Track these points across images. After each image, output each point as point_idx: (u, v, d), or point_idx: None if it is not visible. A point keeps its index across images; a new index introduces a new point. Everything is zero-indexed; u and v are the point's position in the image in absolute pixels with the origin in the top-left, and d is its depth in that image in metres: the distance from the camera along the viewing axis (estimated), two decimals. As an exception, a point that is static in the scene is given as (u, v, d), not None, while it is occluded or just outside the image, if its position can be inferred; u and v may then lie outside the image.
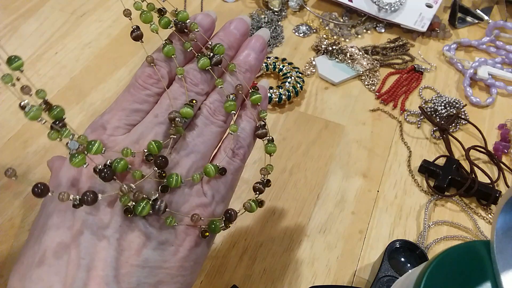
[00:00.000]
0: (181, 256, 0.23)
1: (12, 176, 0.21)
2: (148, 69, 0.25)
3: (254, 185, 0.26)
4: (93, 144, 0.22)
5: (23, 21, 0.61)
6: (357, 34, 0.62)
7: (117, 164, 0.22)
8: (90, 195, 0.21)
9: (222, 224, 0.24)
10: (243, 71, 0.27)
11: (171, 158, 0.24)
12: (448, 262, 0.23)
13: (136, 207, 0.22)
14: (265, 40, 0.29)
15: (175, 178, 0.23)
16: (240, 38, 0.28)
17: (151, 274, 0.22)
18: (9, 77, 0.21)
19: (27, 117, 0.20)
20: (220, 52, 0.26)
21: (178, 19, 0.27)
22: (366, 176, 0.46)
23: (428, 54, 0.59)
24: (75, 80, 0.55)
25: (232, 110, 0.26)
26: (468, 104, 0.53)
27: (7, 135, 0.49)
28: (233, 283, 0.38)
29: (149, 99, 0.25)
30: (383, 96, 0.54)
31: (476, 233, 0.42)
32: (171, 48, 0.26)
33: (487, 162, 0.48)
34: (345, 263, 0.40)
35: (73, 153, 0.22)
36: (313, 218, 0.43)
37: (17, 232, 0.41)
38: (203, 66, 0.26)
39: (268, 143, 0.27)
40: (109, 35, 0.60)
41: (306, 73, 0.56)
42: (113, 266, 0.21)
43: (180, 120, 0.23)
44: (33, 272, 0.21)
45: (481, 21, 0.63)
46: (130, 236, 0.22)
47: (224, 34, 0.28)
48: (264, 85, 0.29)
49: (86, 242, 0.21)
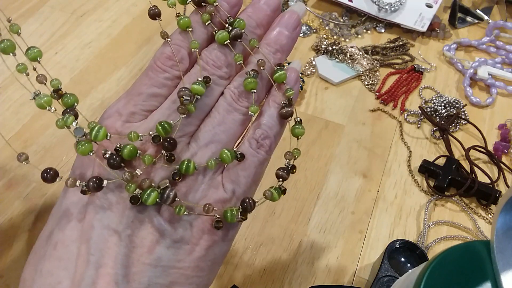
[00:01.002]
0: (197, 256, 0.21)
1: (24, 160, 0.20)
2: (168, 49, 0.23)
3: (277, 171, 0.23)
4: (98, 130, 0.20)
5: (23, 21, 0.61)
6: (357, 34, 0.62)
7: (125, 149, 0.20)
8: (96, 181, 0.20)
9: (239, 215, 0.22)
10: (273, 51, 0.24)
11: (189, 148, 0.22)
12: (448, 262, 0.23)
13: (142, 195, 0.20)
14: (299, 16, 0.25)
15: (187, 163, 0.21)
16: (271, 14, 0.25)
17: (164, 273, 0.21)
18: (24, 67, 0.21)
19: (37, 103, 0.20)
20: (241, 26, 0.24)
21: None
22: (366, 176, 0.46)
23: (428, 54, 0.59)
24: (75, 80, 0.55)
25: (253, 88, 0.23)
26: (468, 104, 0.53)
27: (7, 135, 0.49)
28: (233, 283, 0.38)
29: (168, 82, 0.23)
30: (383, 96, 0.54)
31: (476, 233, 0.42)
32: (186, 20, 0.23)
33: (487, 162, 0.48)
34: (345, 263, 0.40)
35: (78, 140, 0.20)
36: (313, 218, 0.43)
37: (17, 232, 0.41)
38: (221, 40, 0.23)
39: (296, 124, 0.24)
40: (109, 35, 0.60)
41: (306, 73, 0.56)
42: (124, 264, 0.20)
43: (187, 98, 0.21)
44: (43, 265, 0.21)
45: (481, 21, 0.63)
46: (142, 232, 0.21)
47: (253, 10, 0.25)
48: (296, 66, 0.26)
49: (97, 237, 0.20)
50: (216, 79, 0.23)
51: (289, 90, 0.24)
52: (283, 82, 0.24)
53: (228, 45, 0.24)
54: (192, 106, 0.22)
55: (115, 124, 0.22)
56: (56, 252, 0.21)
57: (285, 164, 0.24)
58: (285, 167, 0.24)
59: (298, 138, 0.24)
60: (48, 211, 0.42)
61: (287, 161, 0.24)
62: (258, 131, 0.23)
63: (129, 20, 0.63)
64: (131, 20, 0.63)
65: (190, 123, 0.23)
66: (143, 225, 0.21)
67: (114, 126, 0.22)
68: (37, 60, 0.22)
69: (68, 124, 0.21)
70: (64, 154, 0.47)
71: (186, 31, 0.24)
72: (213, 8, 0.24)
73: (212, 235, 0.22)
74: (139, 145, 0.22)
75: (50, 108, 0.21)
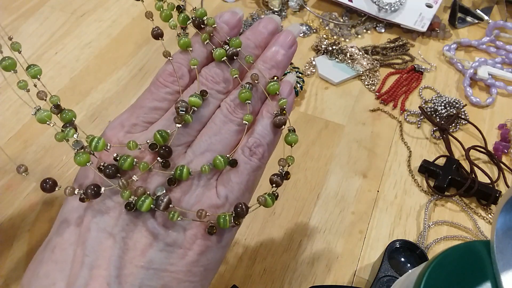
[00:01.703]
0: (189, 260, 0.22)
1: (23, 172, 0.21)
2: (170, 67, 0.25)
3: (271, 177, 0.24)
4: (97, 141, 0.22)
5: (23, 21, 0.61)
6: (357, 34, 0.62)
7: (123, 161, 0.22)
8: (94, 188, 0.21)
9: (232, 220, 0.23)
10: (269, 67, 0.26)
11: (186, 156, 0.23)
12: (448, 262, 0.23)
13: (137, 201, 0.21)
14: (294, 36, 0.27)
15: (181, 169, 0.22)
16: (268, 36, 0.27)
17: (156, 276, 0.21)
18: (25, 83, 0.22)
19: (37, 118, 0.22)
20: (236, 45, 0.25)
21: (196, 16, 0.26)
22: (366, 176, 0.46)
23: (428, 54, 0.59)
24: (75, 80, 0.55)
25: (247, 99, 0.24)
26: (468, 104, 0.53)
27: (7, 135, 0.49)
28: (233, 283, 0.38)
29: (168, 96, 0.25)
30: (383, 96, 0.54)
31: (476, 233, 0.42)
32: (186, 40, 0.25)
33: (487, 162, 0.48)
34: (345, 263, 0.40)
35: (76, 152, 0.22)
36: (313, 218, 0.43)
37: (17, 232, 0.41)
38: (219, 56, 0.25)
39: (289, 133, 0.26)
40: (109, 35, 0.60)
41: (306, 73, 0.56)
42: (117, 266, 0.21)
43: (182, 109, 0.23)
44: (41, 268, 0.22)
45: (481, 21, 0.63)
46: (136, 235, 0.21)
47: (252, 33, 0.27)
48: (290, 79, 0.27)
49: (92, 239, 0.21)
50: (214, 93, 0.25)
51: (282, 99, 0.25)
52: (276, 93, 0.26)
53: (225, 62, 0.26)
54: (189, 116, 0.23)
55: (117, 134, 0.23)
56: (54, 256, 0.22)
57: (279, 170, 0.25)
58: (279, 173, 0.25)
59: (291, 146, 0.26)
60: (48, 211, 0.42)
61: (280, 168, 0.25)
62: (251, 140, 0.25)
63: (129, 20, 0.63)
64: (131, 20, 0.63)
65: (188, 133, 0.24)
66: (137, 228, 0.21)
67: (116, 136, 0.23)
68: (37, 77, 0.23)
69: (69, 137, 0.22)
70: (64, 154, 0.47)
71: (187, 50, 0.26)
72: (212, 29, 0.26)
73: (205, 240, 0.22)
74: (137, 154, 0.23)
75: (50, 122, 0.22)
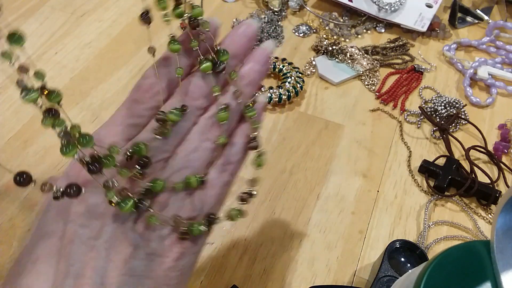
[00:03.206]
0: (167, 266, 0.24)
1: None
2: (147, 81, 0.25)
3: (241, 195, 0.27)
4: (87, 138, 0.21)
5: (23, 21, 0.61)
6: (357, 34, 0.62)
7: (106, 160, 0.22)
8: (73, 188, 0.21)
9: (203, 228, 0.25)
10: (246, 83, 0.27)
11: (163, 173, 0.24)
12: (448, 262, 0.23)
13: (120, 203, 0.22)
14: (268, 53, 0.28)
15: (157, 182, 0.23)
16: (247, 43, 0.28)
17: (137, 283, 0.23)
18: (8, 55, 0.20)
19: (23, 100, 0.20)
20: (225, 60, 0.26)
21: (192, 15, 0.26)
22: (366, 176, 0.46)
23: (428, 54, 0.59)
24: (75, 80, 0.55)
25: (224, 120, 0.26)
26: (468, 104, 0.53)
27: (7, 135, 0.49)
28: (233, 283, 0.38)
29: (146, 113, 0.25)
30: (383, 96, 0.54)
31: (476, 233, 0.42)
32: (177, 46, 0.25)
33: (487, 162, 0.48)
34: (345, 263, 0.40)
35: (64, 143, 0.21)
36: (313, 218, 0.43)
37: (17, 232, 0.41)
38: (205, 69, 0.26)
39: (259, 156, 0.27)
40: (109, 35, 0.60)
41: (306, 73, 0.56)
42: (100, 275, 0.22)
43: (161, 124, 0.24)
44: (22, 279, 0.22)
45: (481, 21, 0.63)
46: (119, 247, 0.23)
47: (231, 41, 0.27)
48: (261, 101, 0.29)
49: (76, 251, 0.22)
50: (193, 110, 0.26)
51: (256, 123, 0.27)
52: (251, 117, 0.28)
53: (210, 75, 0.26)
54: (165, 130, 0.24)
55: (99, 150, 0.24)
56: (35, 267, 0.22)
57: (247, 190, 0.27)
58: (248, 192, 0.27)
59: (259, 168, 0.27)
60: (48, 211, 0.42)
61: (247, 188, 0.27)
62: (225, 158, 0.26)
63: (129, 20, 0.63)
64: (131, 20, 0.63)
65: (166, 150, 0.25)
66: (119, 240, 0.23)
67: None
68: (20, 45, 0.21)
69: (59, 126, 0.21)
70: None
71: (170, 58, 0.26)
72: (204, 36, 0.26)
73: (180, 248, 0.24)
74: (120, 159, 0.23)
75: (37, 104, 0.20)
